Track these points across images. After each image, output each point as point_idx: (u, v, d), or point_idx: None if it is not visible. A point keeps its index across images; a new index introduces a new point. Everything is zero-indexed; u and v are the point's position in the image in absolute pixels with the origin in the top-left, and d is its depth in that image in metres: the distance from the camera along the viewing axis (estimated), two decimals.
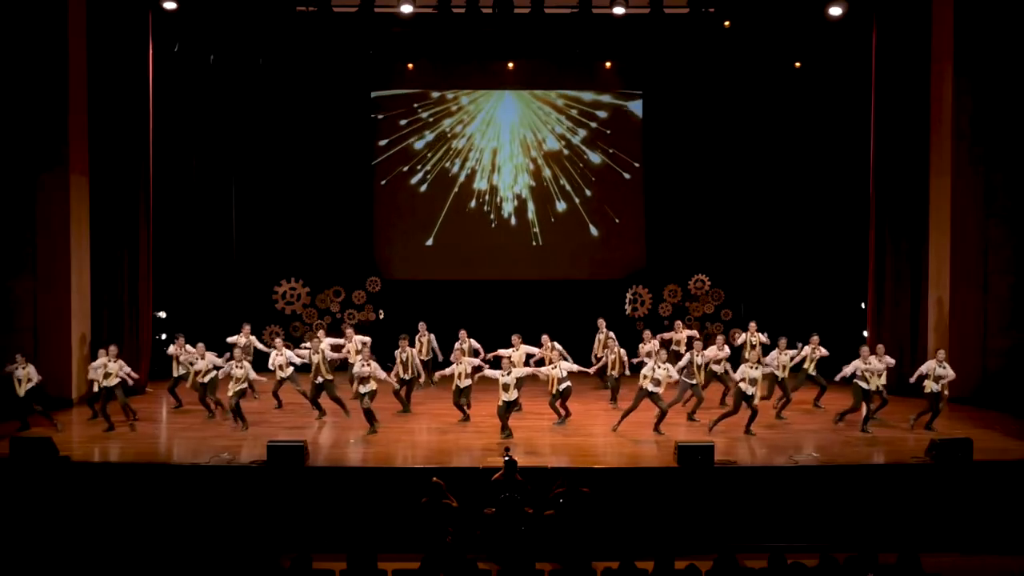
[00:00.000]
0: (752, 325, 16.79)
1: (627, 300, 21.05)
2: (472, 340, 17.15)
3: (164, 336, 19.25)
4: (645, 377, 14.67)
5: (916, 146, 17.97)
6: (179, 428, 15.58)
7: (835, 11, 17.87)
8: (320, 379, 15.77)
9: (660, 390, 14.63)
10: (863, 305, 19.17)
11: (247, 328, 17.33)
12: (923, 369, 15.11)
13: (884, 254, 18.37)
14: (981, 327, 17.13)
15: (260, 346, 17.20)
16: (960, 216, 17.43)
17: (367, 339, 17.01)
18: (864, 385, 14.95)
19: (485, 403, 15.84)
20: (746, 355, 15.58)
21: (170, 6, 17.80)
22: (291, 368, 16.17)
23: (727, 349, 16.11)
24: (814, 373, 16.18)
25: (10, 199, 16.89)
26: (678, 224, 21.25)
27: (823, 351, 16.16)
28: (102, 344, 15.88)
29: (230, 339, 17.15)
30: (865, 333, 18.65)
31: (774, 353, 15.94)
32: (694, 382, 15.64)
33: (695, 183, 21.11)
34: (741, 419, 14.86)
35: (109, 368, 15.19)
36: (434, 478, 12.16)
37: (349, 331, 17.37)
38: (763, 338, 16.52)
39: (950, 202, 17.47)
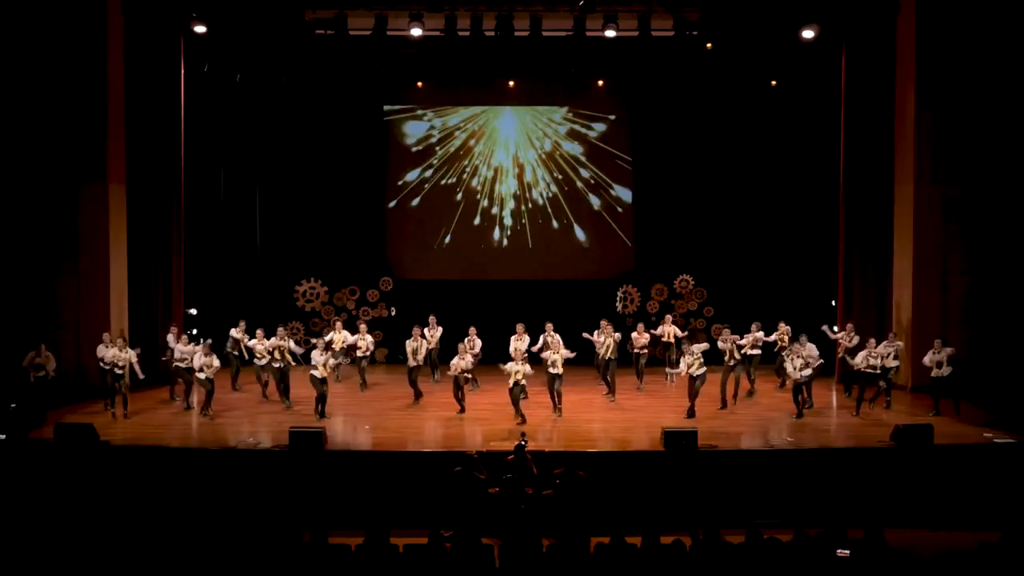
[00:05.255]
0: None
1: (618, 298, 21.03)
2: (478, 340, 16.83)
3: (195, 331, 19.24)
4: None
5: (882, 157, 18.02)
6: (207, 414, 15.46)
7: (808, 34, 17.84)
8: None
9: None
10: (833, 303, 19.18)
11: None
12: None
13: (852, 256, 18.44)
14: (940, 322, 17.13)
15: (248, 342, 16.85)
16: (922, 222, 17.45)
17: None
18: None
19: (491, 392, 16.04)
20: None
21: (200, 30, 17.78)
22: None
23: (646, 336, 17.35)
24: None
25: (54, 207, 16.94)
26: (664, 228, 21.19)
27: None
28: (138, 338, 15.83)
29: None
30: (835, 328, 18.62)
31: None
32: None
33: (680, 191, 21.06)
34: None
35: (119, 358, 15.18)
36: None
37: (362, 327, 17.57)
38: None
39: (913, 209, 17.47)
